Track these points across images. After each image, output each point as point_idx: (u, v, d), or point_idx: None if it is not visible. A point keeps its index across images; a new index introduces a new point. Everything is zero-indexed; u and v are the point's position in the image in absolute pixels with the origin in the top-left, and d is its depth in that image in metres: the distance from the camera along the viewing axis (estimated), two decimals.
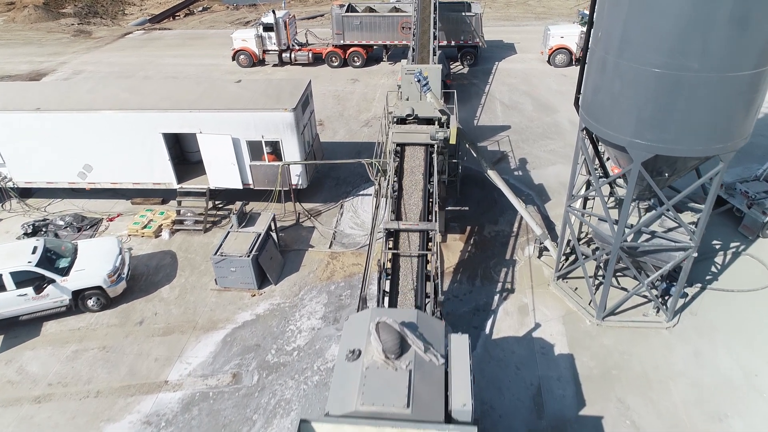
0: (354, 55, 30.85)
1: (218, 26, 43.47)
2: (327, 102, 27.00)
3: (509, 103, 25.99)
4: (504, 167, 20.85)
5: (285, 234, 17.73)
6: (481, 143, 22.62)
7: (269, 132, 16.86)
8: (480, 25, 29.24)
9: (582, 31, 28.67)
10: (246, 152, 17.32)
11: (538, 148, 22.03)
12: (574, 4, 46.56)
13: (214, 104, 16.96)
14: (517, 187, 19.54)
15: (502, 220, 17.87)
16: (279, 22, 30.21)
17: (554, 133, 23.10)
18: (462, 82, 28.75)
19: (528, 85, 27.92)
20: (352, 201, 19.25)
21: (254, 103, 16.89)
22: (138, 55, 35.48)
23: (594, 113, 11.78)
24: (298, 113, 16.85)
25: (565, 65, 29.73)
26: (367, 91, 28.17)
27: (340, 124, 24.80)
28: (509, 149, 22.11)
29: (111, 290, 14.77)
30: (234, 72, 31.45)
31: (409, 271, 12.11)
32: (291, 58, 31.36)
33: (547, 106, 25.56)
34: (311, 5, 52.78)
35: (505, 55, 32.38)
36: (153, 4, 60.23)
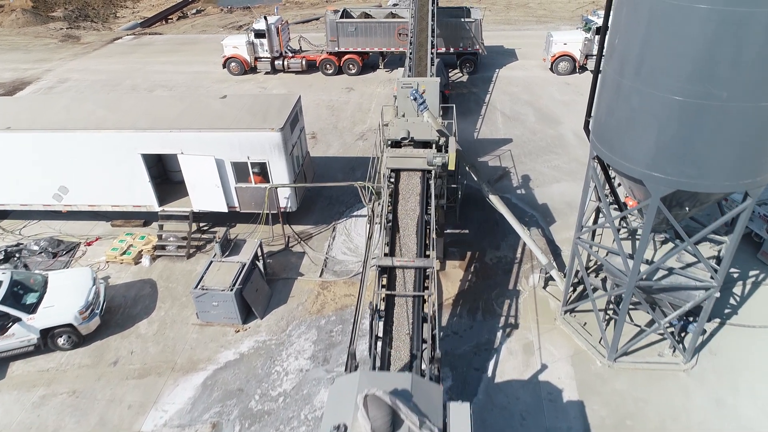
0: (349, 62, 29.73)
1: (210, 30, 42.33)
2: (321, 113, 25.90)
3: (511, 114, 24.89)
4: (506, 185, 19.76)
5: (273, 260, 16.64)
6: (482, 158, 21.53)
7: (255, 153, 15.76)
8: (480, 31, 28.13)
9: (586, 37, 27.61)
10: (231, 174, 16.22)
11: (541, 164, 20.93)
12: (575, 6, 45.45)
13: (197, 123, 15.85)
14: (520, 208, 18.47)
15: (504, 244, 16.78)
16: (271, 28, 29.08)
17: (558, 147, 22.01)
18: (461, 91, 27.65)
19: (530, 95, 26.82)
20: (345, 223, 18.16)
21: (239, 122, 15.78)
22: (126, 62, 34.32)
23: (607, 141, 10.70)
24: (286, 132, 15.75)
25: (568, 73, 28.63)
26: (362, 101, 27.06)
27: (334, 136, 23.70)
28: (511, 164, 21.02)
29: (83, 327, 13.67)
30: (224, 80, 30.33)
31: (404, 311, 11.05)
32: (284, 66, 30.24)
33: (551, 117, 24.46)
34: (307, 8, 51.64)
35: (505, 62, 31.26)
36: (146, 6, 59.09)
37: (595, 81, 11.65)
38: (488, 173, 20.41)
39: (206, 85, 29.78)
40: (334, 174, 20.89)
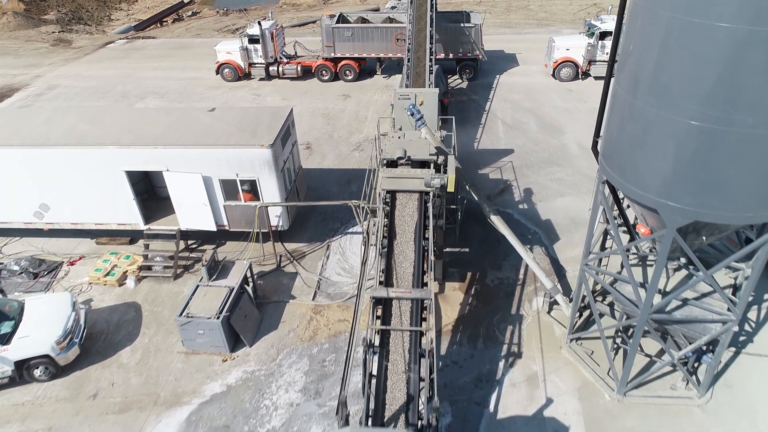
0: (346, 68, 28.95)
1: (205, 34, 41.53)
2: (316, 121, 25.12)
3: (512, 123, 24.12)
4: (507, 199, 19.00)
5: (264, 281, 15.88)
6: (483, 170, 20.76)
7: (244, 170, 14.99)
8: (480, 36, 27.35)
9: (589, 43, 26.83)
10: (219, 191, 15.46)
11: (544, 177, 20.17)
12: (576, 9, 44.67)
13: (183, 139, 15.08)
14: (523, 224, 17.71)
15: (506, 264, 16.02)
16: (265, 33, 28.28)
17: (561, 159, 21.24)
18: (461, 98, 26.88)
19: (532, 102, 26.05)
20: (340, 241, 17.39)
21: (227, 138, 15.01)
22: (118, 68, 33.53)
23: (617, 165, 9.94)
24: (277, 149, 14.98)
25: (570, 79, 27.85)
26: (359, 108, 26.29)
27: (330, 147, 22.92)
28: (512, 177, 20.25)
29: (61, 358, 12.91)
30: (218, 86, 29.54)
31: (400, 345, 10.34)
32: (279, 72, 29.45)
33: (553, 126, 23.70)
34: (303, 10, 50.85)
35: (506, 68, 30.49)
36: (141, 9, 58.29)
37: (605, 99, 10.90)
38: (489, 187, 19.65)
39: (199, 92, 29.00)
40: (329, 187, 20.13)
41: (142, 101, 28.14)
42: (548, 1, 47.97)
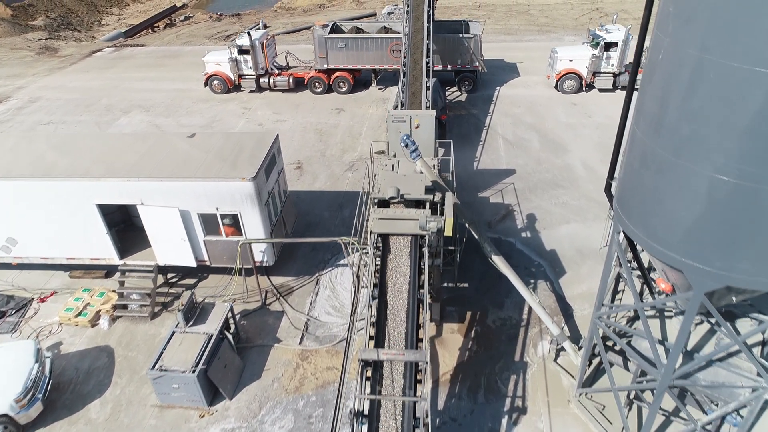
0: (339, 80, 27.78)
1: (195, 41, 40.32)
2: (308, 138, 23.95)
3: (513, 140, 22.97)
4: (509, 226, 17.86)
5: (247, 322, 14.74)
6: (483, 193, 19.62)
7: (225, 204, 13.85)
8: (479, 47, 26.19)
9: (593, 54, 25.67)
10: (199, 226, 14.32)
11: (548, 200, 19.02)
12: (578, 14, 43.51)
13: (159, 170, 13.92)
14: (526, 255, 16.58)
15: (508, 302, 14.89)
16: (255, 44, 27.09)
17: (566, 180, 20.10)
18: (459, 112, 25.72)
19: (534, 117, 24.91)
20: (330, 274, 16.24)
21: (206, 169, 13.85)
22: (104, 78, 32.34)
23: (635, 215, 8.81)
24: (260, 181, 13.83)
25: (574, 91, 26.70)
26: (353, 123, 25.12)
27: (321, 166, 21.76)
28: (514, 201, 19.11)
29: (22, 416, 11.76)
30: (206, 99, 28.36)
31: (391, 412, 9.26)
32: (270, 84, 28.27)
33: (557, 143, 22.55)
34: (298, 15, 49.65)
35: (507, 78, 29.32)
36: (132, 13, 57.08)
37: (620, 137, 9.78)
38: (490, 212, 18.52)
39: (186, 105, 27.82)
40: (320, 212, 18.98)
41: (126, 115, 26.97)
42: (549, 6, 46.81)
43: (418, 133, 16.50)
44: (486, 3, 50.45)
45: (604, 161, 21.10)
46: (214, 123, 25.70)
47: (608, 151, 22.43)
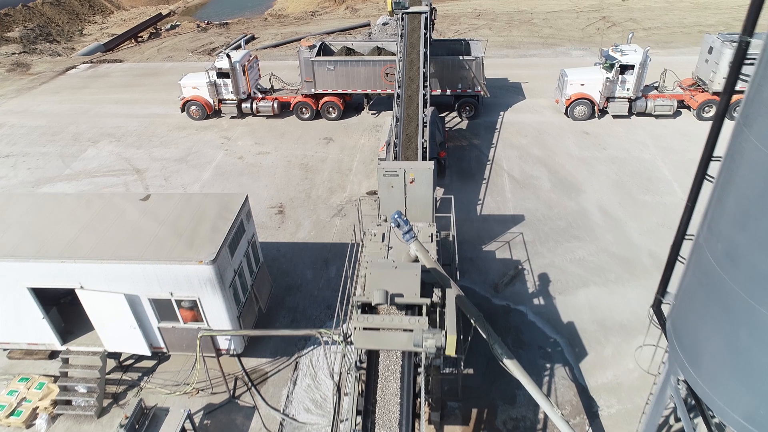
0: (328, 105, 25.39)
1: (177, 56, 37.85)
2: (292, 175, 21.58)
3: (520, 178, 20.62)
4: (519, 290, 15.54)
5: (212, 422, 12.39)
6: (487, 246, 17.29)
7: (181, 289, 11.50)
8: (482, 71, 23.82)
9: (607, 77, 23.30)
10: (151, 312, 11.98)
11: (562, 256, 16.70)
12: (584, 23, 41.13)
13: (100, 248, 11.55)
14: (539, 329, 14.26)
15: (521, 395, 12.57)
16: (236, 67, 24.69)
17: (581, 229, 17.77)
18: (460, 142, 23.35)
19: (542, 148, 22.55)
20: (312, 356, 13.89)
21: (158, 247, 11.49)
22: (75, 101, 29.90)
23: (704, 366, 6.50)
24: (223, 262, 11.48)
25: (585, 118, 24.35)
26: (342, 157, 22.75)
27: (306, 211, 19.40)
28: (524, 256, 16.78)
29: None
30: (183, 126, 25.96)
31: None
32: (252, 109, 25.88)
33: (569, 182, 20.21)
34: (289, 24, 47.17)
35: (511, 102, 26.94)
36: (116, 21, 54.59)
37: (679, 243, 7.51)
38: (496, 271, 16.19)
39: (161, 134, 25.41)
40: (302, 270, 16.64)
41: (94, 146, 24.57)
42: (553, 14, 44.42)
43: (414, 189, 14.20)
44: (486, 10, 48.06)
45: (623, 204, 18.79)
46: (189, 156, 23.31)
47: (627, 192, 19.72)
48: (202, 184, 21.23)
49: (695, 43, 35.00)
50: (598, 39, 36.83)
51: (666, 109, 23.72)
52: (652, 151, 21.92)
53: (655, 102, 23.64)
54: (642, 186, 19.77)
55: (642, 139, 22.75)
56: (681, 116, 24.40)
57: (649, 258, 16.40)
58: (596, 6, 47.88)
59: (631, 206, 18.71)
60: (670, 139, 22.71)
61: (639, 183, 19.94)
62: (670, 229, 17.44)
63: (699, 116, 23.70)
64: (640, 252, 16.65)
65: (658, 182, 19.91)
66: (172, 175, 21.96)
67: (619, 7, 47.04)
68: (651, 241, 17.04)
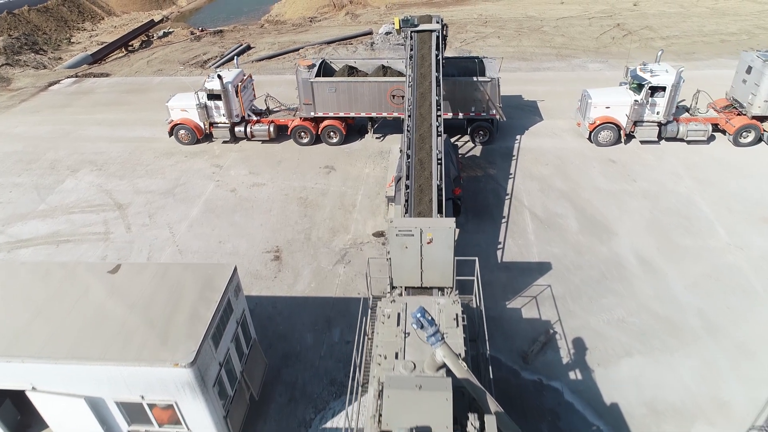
0: (329, 129, 23.30)
1: (168, 69, 35.69)
2: (290, 212, 19.49)
3: (544, 216, 18.55)
4: (551, 360, 13.48)
5: None
6: (511, 302, 15.23)
7: (154, 392, 9.45)
8: (497, 92, 21.74)
9: (636, 100, 21.23)
10: (120, 415, 9.92)
11: (597, 315, 14.65)
12: (598, 32, 39.04)
13: (55, 343, 9.48)
14: (579, 413, 12.22)
15: None
16: (228, 88, 22.59)
17: (617, 280, 15.72)
18: (474, 172, 21.27)
19: (566, 180, 20.47)
20: None
21: (125, 341, 9.43)
22: (55, 121, 27.77)
23: None
24: (205, 360, 9.42)
25: (610, 143, 22.28)
26: (345, 189, 20.67)
27: (305, 256, 17.33)
28: (554, 316, 14.73)
29: None
30: (171, 152, 23.87)
31: None
32: (246, 133, 23.79)
33: (598, 221, 18.15)
34: (286, 32, 45.03)
35: (527, 123, 24.86)
36: (106, 28, 52.43)
37: None
38: (524, 336, 14.14)
39: (146, 161, 23.31)
40: (301, 333, 14.60)
41: (73, 176, 22.47)
42: (563, 21, 42.33)
43: (431, 251, 12.18)
44: (492, 16, 45.96)
45: (661, 250, 16.73)
46: (177, 188, 21.22)
47: (664, 234, 17.33)
48: (190, 222, 19.14)
49: (718, 54, 32.99)
50: (615, 50, 34.78)
51: (700, 135, 21.64)
52: (687, 183, 19.85)
53: (687, 127, 21.57)
54: (680, 226, 17.70)
55: (675, 169, 20.68)
56: (715, 141, 22.34)
57: (697, 319, 14.34)
58: (608, 11, 45.80)
59: (670, 252, 16.65)
60: (705, 168, 20.65)
61: (676, 223, 17.87)
62: (717, 282, 15.39)
63: (736, 142, 21.63)
64: (687, 311, 14.60)
65: (697, 222, 17.85)
66: (157, 211, 19.86)
67: (631, 12, 44.96)
68: (697, 297, 14.98)
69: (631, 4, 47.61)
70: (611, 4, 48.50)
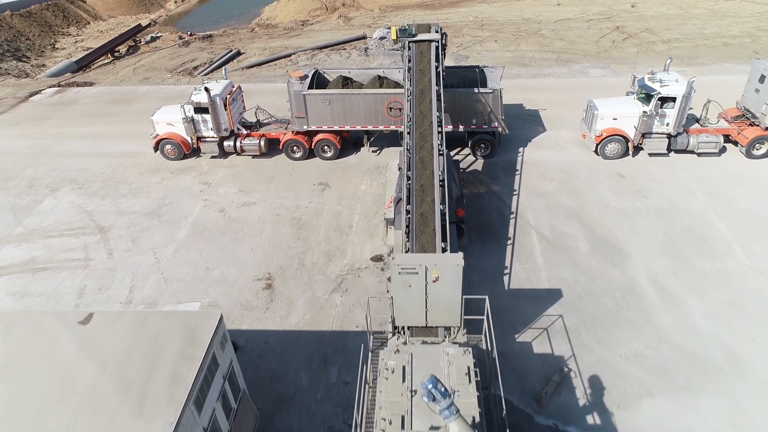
0: (323, 143, 22.21)
1: (154, 77, 34.44)
2: (282, 234, 18.40)
3: (551, 237, 17.56)
4: (567, 402, 12.47)
5: None
6: (520, 336, 14.21)
7: None
8: (500, 104, 20.73)
9: (645, 111, 20.28)
10: None
11: (614, 349, 13.65)
12: (597, 35, 38.13)
13: (14, 414, 8.34)
14: None
15: None
16: (216, 101, 21.45)
17: (633, 309, 14.73)
18: (476, 189, 20.24)
19: (573, 196, 19.49)
20: None
21: (93, 413, 8.29)
22: (35, 135, 26.53)
23: None
24: (187, 427, 8.31)
25: (618, 156, 21.32)
26: (341, 209, 19.59)
27: (299, 284, 16.24)
28: (567, 350, 13.72)
29: None
30: (157, 168, 22.69)
31: None
32: (236, 148, 22.65)
33: (609, 243, 17.17)
34: (278, 36, 43.83)
35: (530, 134, 23.87)
36: (92, 33, 51.05)
37: None
38: (535, 375, 13.11)
39: (130, 178, 22.13)
40: (296, 373, 13.51)
41: (52, 195, 21.27)
42: (562, 24, 41.40)
43: (437, 289, 11.13)
44: (488, 19, 44.99)
45: (678, 274, 15.77)
46: (162, 208, 20.06)
47: (680, 257, 16.24)
48: (176, 247, 18.00)
49: (722, 58, 32.14)
50: (616, 54, 33.88)
51: (711, 147, 20.73)
52: (700, 199, 18.91)
53: (698, 138, 20.64)
54: (696, 247, 16.75)
55: (686, 184, 19.74)
56: (726, 153, 21.42)
57: (720, 352, 13.38)
58: (605, 13, 44.94)
59: (687, 276, 15.69)
60: (718, 182, 19.72)
61: (692, 243, 16.92)
62: (740, 310, 14.44)
63: (749, 154, 20.72)
64: (709, 343, 13.63)
65: (714, 242, 16.90)
66: (141, 234, 18.71)
67: (630, 14, 44.09)
68: (719, 327, 14.02)
69: (629, 6, 46.77)
70: (609, 5, 47.66)
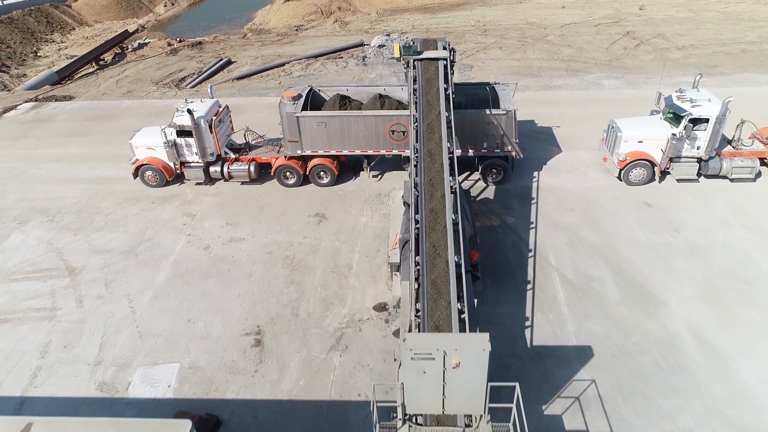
0: (319, 169, 20.23)
1: (139, 90, 32.36)
2: (273, 276, 16.43)
3: (575, 280, 15.64)
4: None
5: None
6: (549, 408, 12.27)
7: None
8: (513, 126, 18.81)
9: (673, 134, 18.37)
10: None
11: (657, 425, 11.71)
12: (607, 41, 36.23)
13: None
14: None
15: None
16: (200, 124, 19.46)
17: (675, 372, 12.80)
18: (489, 221, 18.30)
19: (596, 230, 17.58)
20: None
21: None
22: (6, 157, 24.47)
23: None
24: None
25: (644, 182, 19.42)
26: (339, 245, 17.63)
27: (293, 340, 14.28)
28: (604, 425, 11.80)
29: None
30: (137, 197, 20.68)
31: None
32: (223, 174, 20.67)
33: (642, 287, 15.26)
34: (271, 44, 41.78)
35: (544, 156, 21.94)
36: (77, 40, 48.91)
37: None
38: None
39: (107, 209, 20.10)
40: None
41: (20, 229, 19.24)
42: (569, 29, 39.51)
43: (458, 376, 9.19)
44: (490, 23, 43.09)
45: (722, 326, 13.86)
46: (141, 245, 18.06)
47: (723, 304, 14.29)
48: (154, 293, 16.01)
49: (743, 67, 30.29)
50: (629, 62, 31.99)
51: (746, 172, 18.86)
52: (738, 233, 17.02)
53: (732, 163, 18.76)
54: (740, 293, 14.86)
55: (721, 215, 17.85)
56: (762, 177, 19.54)
57: None
58: (612, 16, 43.10)
59: (734, 329, 13.79)
60: (756, 213, 17.84)
61: (735, 288, 15.03)
62: None
63: None
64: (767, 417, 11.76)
65: (760, 286, 15.02)
66: (116, 277, 16.71)
67: (638, 18, 42.26)
68: None
69: (637, 8, 44.97)
70: (615, 8, 45.86)
